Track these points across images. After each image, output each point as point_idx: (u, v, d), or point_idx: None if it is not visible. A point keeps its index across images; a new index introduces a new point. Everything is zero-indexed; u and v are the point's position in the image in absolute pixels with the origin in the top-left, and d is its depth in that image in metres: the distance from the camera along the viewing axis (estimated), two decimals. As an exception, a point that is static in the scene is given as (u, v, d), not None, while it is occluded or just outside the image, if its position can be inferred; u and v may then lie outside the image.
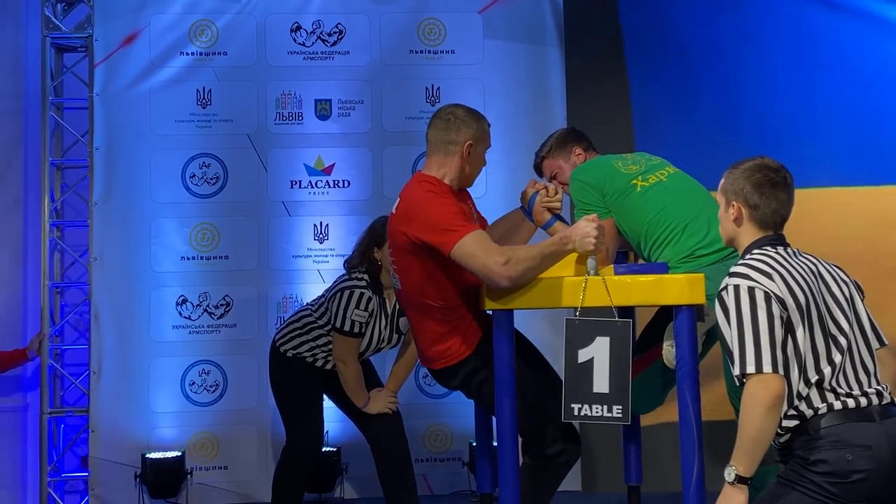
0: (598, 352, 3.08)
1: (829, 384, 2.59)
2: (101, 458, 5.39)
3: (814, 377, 2.59)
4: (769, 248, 2.71)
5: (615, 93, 5.62)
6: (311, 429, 4.51)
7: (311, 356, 4.45)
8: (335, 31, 5.71)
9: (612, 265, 3.35)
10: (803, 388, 2.59)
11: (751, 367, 2.53)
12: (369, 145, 5.69)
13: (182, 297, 5.54)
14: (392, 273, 3.49)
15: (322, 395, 4.56)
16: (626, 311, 3.60)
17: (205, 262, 5.58)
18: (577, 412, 3.10)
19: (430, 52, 5.75)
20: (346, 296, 4.32)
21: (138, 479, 5.30)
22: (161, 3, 5.61)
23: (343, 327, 4.31)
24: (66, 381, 5.66)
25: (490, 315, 3.28)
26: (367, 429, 4.49)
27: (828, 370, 2.60)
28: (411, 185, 3.43)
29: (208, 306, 5.55)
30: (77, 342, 5.72)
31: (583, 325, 3.10)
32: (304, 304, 4.67)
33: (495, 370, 3.21)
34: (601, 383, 3.08)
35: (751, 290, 2.58)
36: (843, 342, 2.64)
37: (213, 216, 5.59)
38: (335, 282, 4.50)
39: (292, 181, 5.64)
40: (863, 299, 2.78)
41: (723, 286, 2.65)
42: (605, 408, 3.09)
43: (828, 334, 2.64)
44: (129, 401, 5.45)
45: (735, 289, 2.60)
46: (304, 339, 4.45)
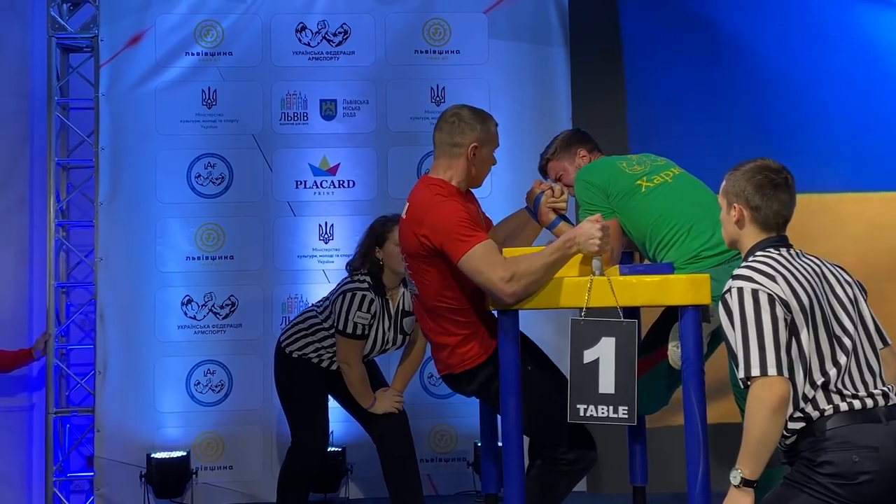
0: (604, 352, 3.08)
1: (835, 386, 2.59)
2: (106, 458, 5.40)
3: (819, 379, 2.59)
4: (772, 249, 2.71)
5: (619, 93, 5.62)
6: (317, 430, 4.51)
7: (316, 357, 4.45)
8: (340, 32, 5.71)
9: (617, 265, 3.35)
10: (809, 391, 2.58)
11: (755, 370, 2.52)
12: (374, 145, 5.69)
13: (187, 297, 5.54)
14: (408, 279, 3.49)
15: (327, 396, 4.56)
16: (632, 312, 3.59)
17: (210, 262, 5.58)
18: (582, 413, 3.10)
19: (435, 52, 5.75)
20: (349, 298, 4.33)
21: (143, 479, 5.31)
22: (166, 3, 5.62)
23: (346, 330, 4.31)
24: (72, 381, 5.66)
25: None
26: (373, 429, 4.49)
27: (833, 372, 2.60)
28: (419, 189, 3.42)
29: (214, 306, 5.55)
30: (82, 342, 5.73)
31: (588, 325, 3.10)
32: (310, 305, 4.67)
33: (500, 371, 3.20)
34: (607, 384, 3.07)
35: (754, 293, 2.58)
36: (848, 343, 2.64)
37: (218, 216, 5.59)
38: (339, 284, 4.50)
39: (297, 181, 5.64)
40: (866, 299, 2.77)
41: (726, 289, 2.64)
42: (611, 408, 3.08)
43: (832, 336, 2.64)
44: (134, 401, 5.45)
45: (739, 291, 2.60)
46: (310, 339, 4.46)
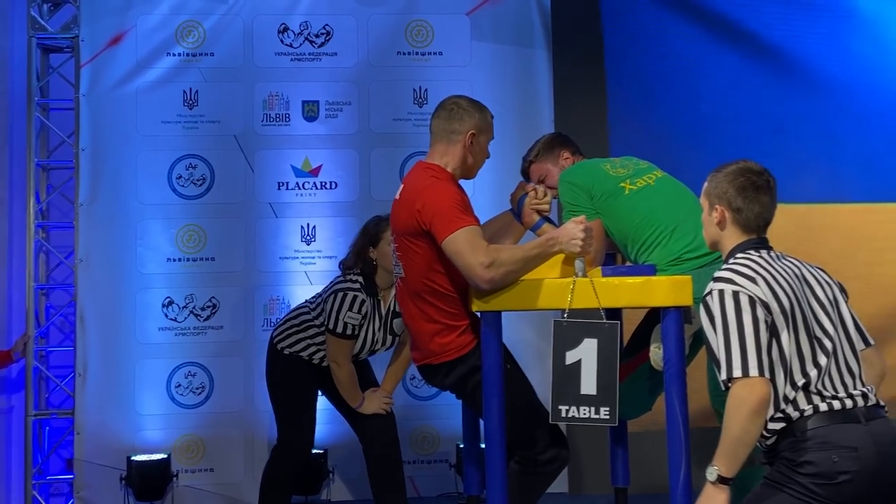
0: (586, 353, 3.09)
1: (815, 387, 2.60)
2: (86, 461, 5.36)
3: (800, 380, 2.60)
4: (753, 251, 2.72)
5: (600, 97, 5.64)
6: (303, 428, 4.51)
7: (307, 354, 4.45)
8: (322, 33, 5.70)
9: (599, 267, 3.35)
10: (790, 392, 2.60)
11: (737, 371, 2.54)
12: (357, 147, 5.68)
13: (168, 299, 5.52)
14: (394, 260, 3.48)
15: (317, 396, 4.56)
16: (614, 314, 3.60)
17: (191, 263, 5.56)
18: (564, 413, 3.11)
19: (417, 53, 5.74)
20: (339, 298, 4.32)
21: (124, 482, 5.28)
22: (147, 3, 5.59)
23: (336, 329, 4.31)
24: (51, 383, 5.63)
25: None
26: (360, 429, 4.50)
27: (813, 373, 2.61)
28: (415, 172, 3.45)
29: (194, 308, 5.53)
30: (62, 344, 5.70)
31: (571, 326, 3.11)
32: (303, 302, 4.66)
33: (483, 371, 3.21)
34: (589, 385, 3.08)
35: (735, 295, 2.59)
36: (828, 345, 2.65)
37: (199, 217, 5.56)
38: (331, 282, 4.49)
39: (279, 182, 5.62)
40: (846, 300, 2.79)
41: (707, 291, 2.66)
42: (593, 409, 3.09)
43: (813, 337, 2.65)
44: (114, 403, 5.42)
45: (720, 294, 2.61)
46: (301, 336, 4.45)
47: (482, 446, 3.54)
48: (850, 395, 2.61)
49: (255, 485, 4.66)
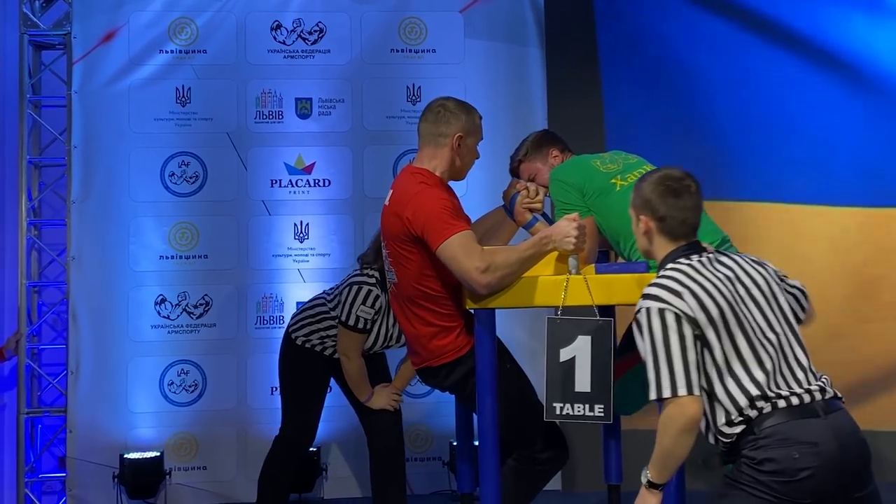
0: (580, 350, 3.09)
1: (769, 386, 2.58)
2: (78, 459, 5.35)
3: (751, 386, 2.58)
4: (682, 259, 2.71)
5: (595, 94, 5.64)
6: (308, 421, 4.52)
7: (321, 345, 4.45)
8: (316, 30, 5.69)
9: (593, 264, 3.35)
10: (742, 399, 2.58)
11: (667, 392, 2.55)
12: (350, 144, 5.67)
13: (161, 297, 5.51)
14: (387, 266, 3.48)
15: (326, 390, 4.58)
16: (607, 311, 3.60)
17: (184, 261, 5.54)
18: (558, 411, 3.11)
19: (411, 51, 5.74)
20: (354, 291, 4.32)
21: (116, 480, 5.27)
22: (140, 0, 5.57)
23: (348, 321, 4.31)
24: (44, 381, 5.61)
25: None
26: (367, 422, 4.52)
27: (760, 375, 2.59)
28: (403, 177, 3.44)
29: (187, 306, 5.52)
30: (55, 342, 5.68)
31: (564, 323, 3.11)
32: (321, 293, 4.65)
33: (477, 368, 3.21)
34: (583, 382, 3.08)
35: (661, 312, 2.59)
36: (774, 342, 2.64)
37: (192, 215, 5.55)
38: (348, 275, 4.49)
39: (272, 180, 5.61)
40: (780, 285, 2.75)
41: (637, 308, 2.66)
42: (587, 406, 3.09)
43: (756, 339, 2.63)
44: (107, 401, 5.41)
45: (647, 311, 2.61)
46: (316, 327, 4.46)
47: (475, 444, 3.54)
48: (808, 391, 2.60)
49: (248, 482, 4.65)
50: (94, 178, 5.49)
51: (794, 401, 2.58)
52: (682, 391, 2.53)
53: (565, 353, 3.10)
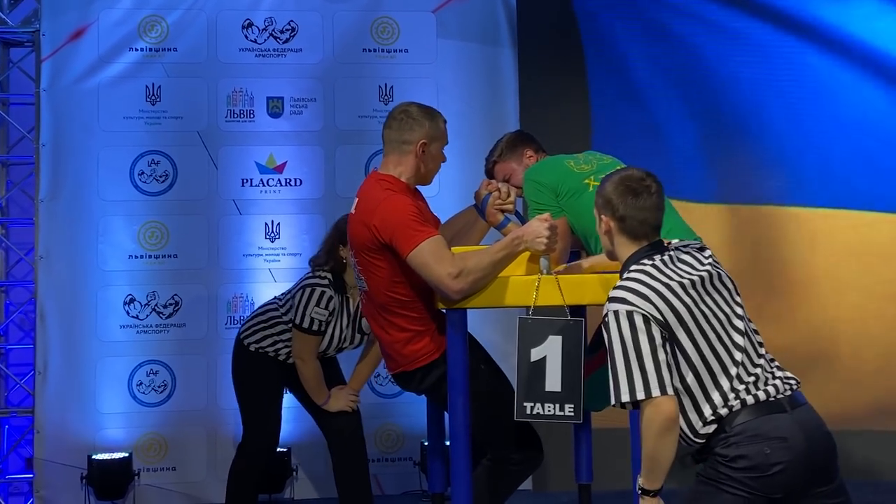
0: (551, 350, 3.09)
1: (739, 383, 2.61)
2: (46, 460, 5.30)
3: (724, 383, 2.60)
4: (645, 261, 2.71)
5: (569, 93, 5.66)
6: (268, 426, 4.49)
7: (273, 350, 4.43)
8: (287, 29, 5.67)
9: (564, 264, 3.36)
10: (717, 397, 2.60)
11: (640, 394, 2.55)
12: (322, 143, 5.66)
13: (130, 297, 5.47)
14: (357, 275, 3.47)
15: (283, 393, 4.54)
16: (578, 311, 3.60)
17: (153, 260, 5.51)
18: (529, 410, 3.11)
19: (383, 50, 5.73)
20: (307, 293, 4.31)
21: (84, 481, 5.22)
22: (110, -3, 5.55)
23: (302, 324, 4.29)
24: (11, 382, 5.56)
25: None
26: (326, 426, 4.48)
27: (734, 373, 2.61)
28: (369, 184, 3.42)
29: (157, 306, 5.49)
30: (22, 342, 5.63)
31: (535, 323, 3.11)
32: (272, 298, 4.63)
33: (448, 368, 3.20)
34: (553, 382, 3.08)
35: (629, 315, 2.59)
36: (740, 339, 2.66)
37: (162, 214, 5.52)
38: (300, 279, 4.48)
39: (243, 179, 5.59)
40: (738, 291, 2.77)
41: (604, 312, 2.66)
42: (558, 406, 3.09)
43: (723, 336, 2.65)
44: (75, 401, 5.37)
45: (615, 315, 2.61)
46: (268, 332, 4.43)
47: (447, 444, 3.54)
48: (774, 385, 2.63)
49: (218, 483, 4.62)
50: (62, 177, 5.44)
51: (762, 396, 2.60)
52: (655, 392, 2.54)
53: (536, 353, 3.10)
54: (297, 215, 5.59)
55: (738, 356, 2.64)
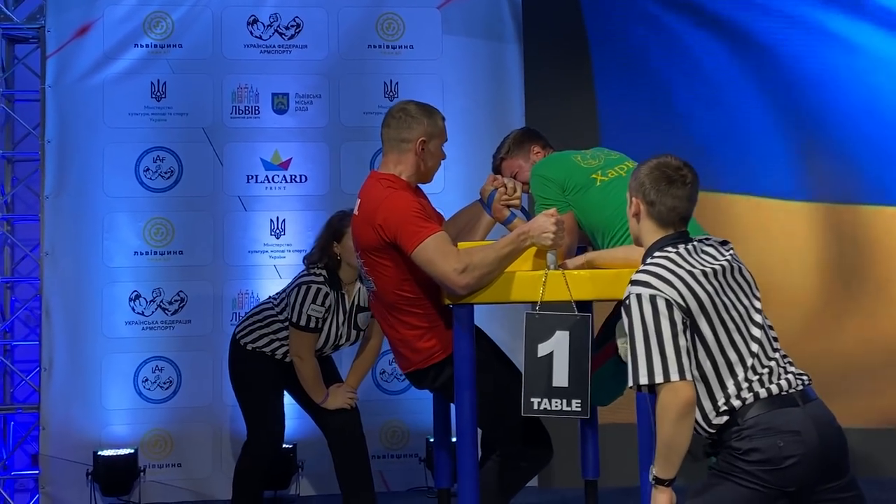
0: (558, 346, 3.08)
1: (754, 374, 2.61)
2: (51, 456, 5.31)
3: (741, 372, 2.62)
4: (670, 248, 2.71)
5: (575, 88, 5.65)
6: (270, 424, 4.48)
7: (270, 350, 4.42)
8: (292, 25, 5.66)
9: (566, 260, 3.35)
10: (732, 387, 2.61)
11: (659, 377, 2.54)
12: (327, 140, 5.65)
13: (135, 293, 5.47)
14: (364, 275, 3.46)
15: (283, 390, 4.53)
16: (585, 306, 3.60)
17: (159, 257, 5.51)
18: (536, 406, 3.10)
19: (388, 46, 5.73)
20: (303, 291, 4.31)
21: (90, 477, 5.23)
22: (115, -6, 5.54)
23: (299, 322, 4.29)
24: (16, 378, 5.56)
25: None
26: (325, 425, 4.47)
27: (751, 361, 2.63)
28: (370, 184, 3.41)
29: (162, 302, 5.49)
30: (27, 338, 5.63)
31: (542, 319, 3.10)
32: (267, 298, 4.63)
33: (455, 364, 3.20)
34: (560, 377, 3.08)
35: (652, 299, 2.59)
36: (758, 332, 2.67)
37: (167, 211, 5.52)
38: (295, 277, 4.48)
39: (248, 176, 5.59)
40: (757, 287, 2.79)
41: (626, 295, 2.66)
42: (564, 402, 3.09)
43: (741, 327, 2.65)
44: (80, 398, 5.37)
45: (637, 298, 2.61)
46: (264, 331, 4.43)
47: (453, 440, 3.53)
48: (787, 380, 2.63)
49: (223, 479, 4.62)
50: (67, 173, 5.44)
51: (774, 390, 2.60)
52: (674, 376, 2.53)
53: (543, 349, 3.09)
54: (302, 212, 5.59)
55: (755, 348, 2.65)
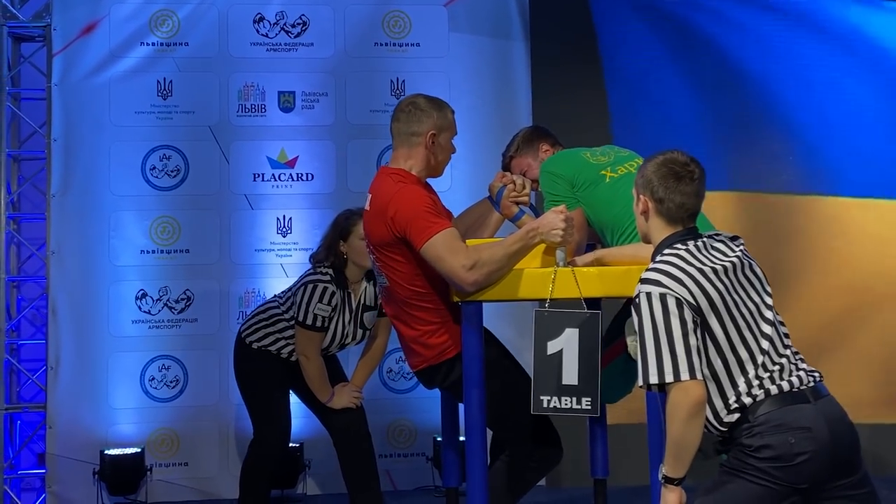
0: (567, 343, 3.06)
1: (764, 371, 2.60)
2: (58, 455, 5.30)
3: (751, 370, 2.60)
4: (679, 245, 2.70)
5: (583, 86, 5.63)
6: (277, 422, 4.46)
7: (275, 349, 4.40)
8: (299, 23, 5.65)
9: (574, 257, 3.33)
10: (743, 384, 2.59)
11: (669, 377, 2.53)
12: (333, 138, 5.64)
13: (142, 292, 5.46)
14: (377, 271, 3.45)
15: (288, 389, 4.51)
16: (595, 303, 3.58)
17: (165, 255, 5.50)
18: (546, 404, 3.08)
19: (395, 44, 5.71)
20: (310, 290, 4.29)
21: (97, 476, 5.22)
22: (121, -9, 5.54)
23: (305, 321, 4.27)
24: (23, 377, 5.56)
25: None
26: (331, 424, 4.46)
27: (761, 358, 2.61)
28: (380, 179, 3.40)
29: (168, 301, 5.48)
30: (34, 337, 5.63)
31: (552, 316, 3.08)
32: (272, 296, 4.62)
33: (464, 362, 3.18)
34: (570, 375, 3.06)
35: (662, 298, 2.57)
36: (768, 329, 2.65)
37: (173, 209, 5.51)
38: (301, 275, 4.46)
39: (255, 174, 5.58)
40: (768, 281, 2.77)
41: (636, 293, 2.64)
42: (574, 400, 3.07)
43: (752, 324, 2.64)
44: (87, 397, 5.36)
45: (647, 296, 2.59)
46: (270, 330, 4.41)
47: (461, 439, 3.51)
48: (798, 377, 2.62)
49: (230, 479, 4.61)
50: (74, 172, 5.43)
51: (785, 387, 2.59)
52: (684, 375, 2.52)
53: (553, 346, 3.07)
54: (308, 210, 5.58)
55: (765, 345, 2.63)
